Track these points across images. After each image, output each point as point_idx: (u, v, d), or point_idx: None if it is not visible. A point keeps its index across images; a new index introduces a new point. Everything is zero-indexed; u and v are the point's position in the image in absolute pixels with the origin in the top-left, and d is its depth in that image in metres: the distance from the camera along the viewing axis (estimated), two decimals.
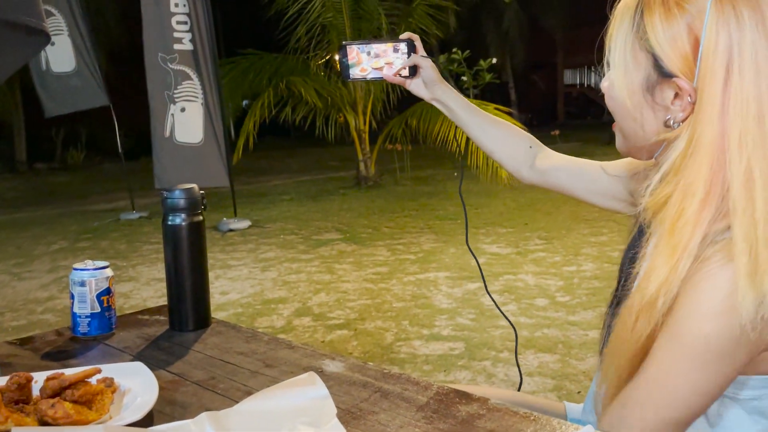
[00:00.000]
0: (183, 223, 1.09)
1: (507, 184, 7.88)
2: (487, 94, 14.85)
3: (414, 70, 1.21)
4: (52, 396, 0.75)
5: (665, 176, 0.75)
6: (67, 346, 1.05)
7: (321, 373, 0.88)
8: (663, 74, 0.76)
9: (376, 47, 1.20)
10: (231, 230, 6.87)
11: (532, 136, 1.28)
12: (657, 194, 0.75)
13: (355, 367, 0.91)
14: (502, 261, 5.06)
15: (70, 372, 0.79)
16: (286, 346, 1.02)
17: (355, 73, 1.23)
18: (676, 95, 0.76)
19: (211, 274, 5.32)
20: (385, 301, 4.16)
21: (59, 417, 0.70)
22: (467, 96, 9.43)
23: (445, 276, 4.66)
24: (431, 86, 1.22)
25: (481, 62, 10.66)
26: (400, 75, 1.21)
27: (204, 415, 0.69)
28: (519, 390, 1.35)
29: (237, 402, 0.76)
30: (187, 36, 5.87)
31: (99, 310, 1.07)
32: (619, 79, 0.82)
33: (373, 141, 9.58)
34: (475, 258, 1.33)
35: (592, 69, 30.89)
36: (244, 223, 7.08)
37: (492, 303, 4.04)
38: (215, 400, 0.82)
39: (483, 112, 1.26)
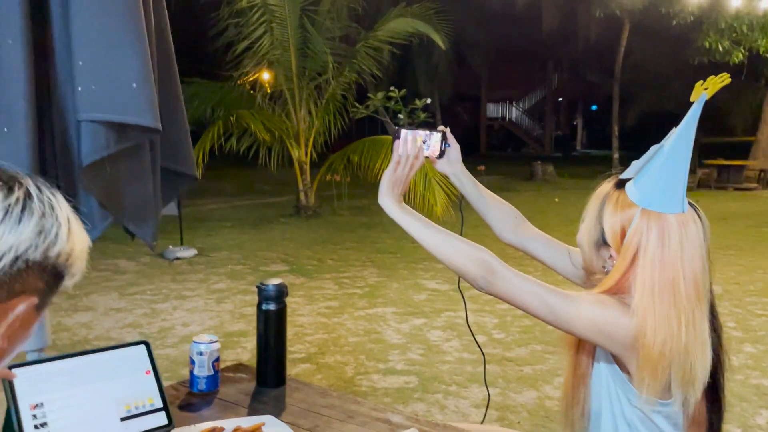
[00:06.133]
0: (273, 308, 1.49)
1: (440, 219, 8.45)
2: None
3: (443, 153, 1.56)
4: None
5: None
6: (192, 400, 1.42)
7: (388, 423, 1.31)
8: (604, 242, 1.26)
9: (419, 132, 1.49)
10: (178, 258, 7.05)
11: (517, 210, 1.65)
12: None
13: (412, 419, 1.34)
14: (441, 297, 5.57)
15: (235, 423, 1.18)
16: (353, 401, 1.44)
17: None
18: (611, 256, 1.26)
19: (168, 305, 5.55)
20: (340, 335, 4.56)
21: None
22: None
23: (392, 312, 5.11)
24: (454, 164, 1.57)
25: (417, 101, 11.28)
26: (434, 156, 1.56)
27: None
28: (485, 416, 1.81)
29: None
30: None
31: (212, 373, 1.45)
32: (585, 232, 1.32)
33: (313, 171, 9.98)
34: (465, 306, 1.76)
35: (513, 104, 32.55)
36: (191, 252, 7.27)
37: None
38: None
39: (483, 187, 1.63)
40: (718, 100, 23.04)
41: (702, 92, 1.23)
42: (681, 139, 1.22)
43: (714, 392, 1.29)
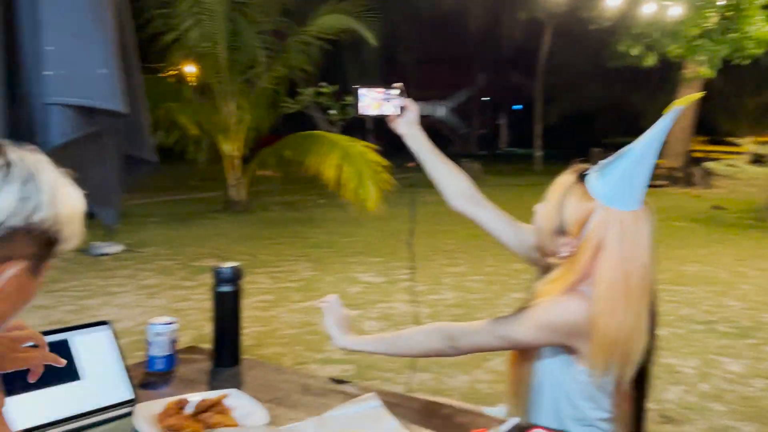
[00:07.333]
0: (229, 290, 1.55)
1: (372, 214, 8.57)
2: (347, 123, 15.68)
3: (402, 110, 1.57)
4: (201, 412, 1.20)
5: (554, 275, 1.38)
6: (151, 379, 1.46)
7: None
8: (563, 230, 1.37)
9: (378, 91, 1.53)
10: (104, 254, 6.85)
11: (471, 180, 1.67)
12: (548, 280, 1.38)
13: (367, 390, 1.43)
14: (375, 290, 5.69)
15: (200, 396, 1.24)
16: (308, 376, 1.52)
17: (364, 110, 1.55)
18: (566, 243, 1.37)
19: (96, 301, 5.41)
20: (276, 328, 4.59)
21: (217, 423, 1.16)
22: (334, 126, 10.04)
23: None
24: (411, 125, 1.58)
25: (348, 98, 11.36)
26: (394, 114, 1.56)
27: (309, 420, 1.18)
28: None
29: (308, 414, 1.26)
30: None
31: (170, 353, 1.49)
32: (545, 218, 1.40)
33: (243, 166, 9.89)
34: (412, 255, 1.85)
35: (441, 102, 33.15)
36: (117, 247, 7.08)
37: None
38: (291, 413, 1.30)
39: (438, 151, 1.63)
40: (634, 103, 24.05)
41: (678, 105, 1.28)
42: (650, 145, 1.31)
43: (641, 371, 1.40)
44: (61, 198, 0.78)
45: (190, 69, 10.30)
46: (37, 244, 0.77)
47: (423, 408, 1.35)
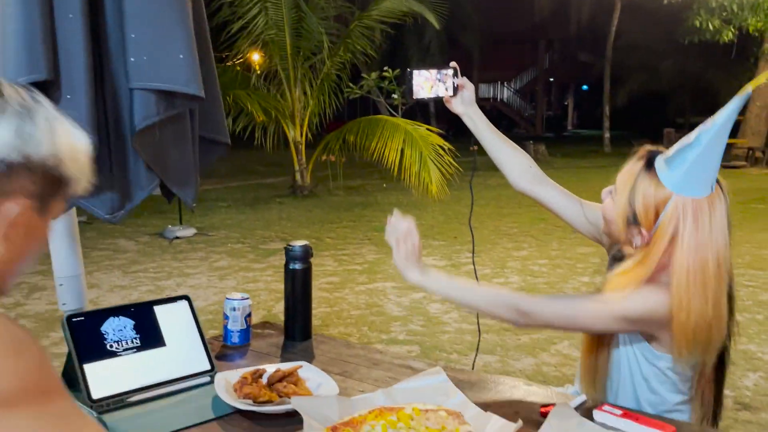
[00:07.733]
0: (299, 267, 1.60)
1: (435, 198, 8.56)
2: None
3: (456, 90, 1.54)
4: (276, 382, 1.26)
5: (627, 266, 1.35)
6: (227, 352, 1.54)
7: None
8: (635, 221, 1.32)
9: (431, 72, 1.50)
10: (177, 238, 7.13)
11: (531, 158, 1.63)
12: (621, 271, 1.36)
13: (433, 365, 1.46)
14: None
15: (274, 368, 1.30)
16: (376, 351, 1.56)
17: (418, 93, 1.52)
18: (640, 233, 1.33)
19: (171, 282, 5.63)
20: (343, 309, 4.69)
21: (291, 392, 1.21)
22: (397, 111, 10.00)
23: (392, 286, 5.24)
24: (467, 104, 1.54)
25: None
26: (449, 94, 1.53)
27: (378, 391, 1.22)
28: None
29: (376, 387, 1.29)
30: None
31: (245, 327, 1.56)
32: (615, 209, 1.36)
33: (307, 151, 10.06)
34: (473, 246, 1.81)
35: (504, 84, 32.60)
36: (190, 231, 7.35)
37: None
38: (360, 386, 1.35)
39: (497, 131, 1.60)
40: (710, 81, 22.95)
41: (748, 89, 1.23)
42: (720, 131, 1.26)
43: (721, 354, 1.38)
44: (60, 134, 0.77)
45: (255, 57, 10.52)
46: (41, 182, 0.75)
47: (490, 384, 1.37)
